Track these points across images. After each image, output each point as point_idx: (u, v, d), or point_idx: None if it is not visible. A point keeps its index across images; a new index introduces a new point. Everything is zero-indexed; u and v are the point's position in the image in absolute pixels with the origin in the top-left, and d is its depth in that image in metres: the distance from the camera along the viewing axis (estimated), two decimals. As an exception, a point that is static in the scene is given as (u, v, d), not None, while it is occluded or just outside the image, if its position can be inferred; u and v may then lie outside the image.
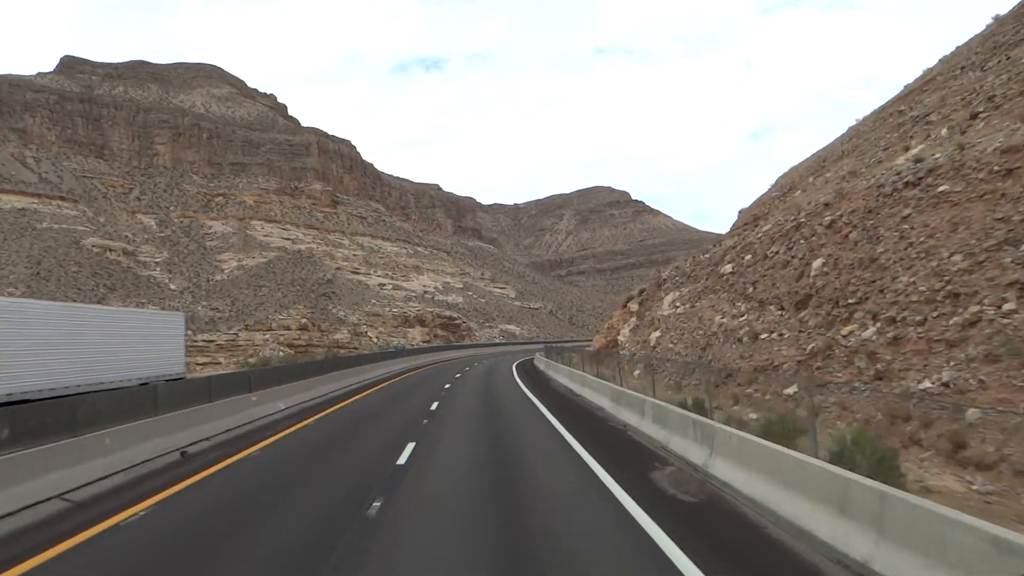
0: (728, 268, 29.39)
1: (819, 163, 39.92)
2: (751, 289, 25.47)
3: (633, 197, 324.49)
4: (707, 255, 35.20)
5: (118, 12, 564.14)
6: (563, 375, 32.45)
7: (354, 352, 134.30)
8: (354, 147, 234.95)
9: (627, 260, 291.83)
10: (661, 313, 36.39)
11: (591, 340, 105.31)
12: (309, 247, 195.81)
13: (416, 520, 9.76)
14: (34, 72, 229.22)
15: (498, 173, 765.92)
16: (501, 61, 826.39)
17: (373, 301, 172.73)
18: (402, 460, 14.26)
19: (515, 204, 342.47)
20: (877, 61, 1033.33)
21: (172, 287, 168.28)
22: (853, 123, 41.38)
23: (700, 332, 28.08)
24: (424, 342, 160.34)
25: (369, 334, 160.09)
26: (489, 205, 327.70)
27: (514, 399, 26.24)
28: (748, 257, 27.79)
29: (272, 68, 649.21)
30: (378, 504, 10.56)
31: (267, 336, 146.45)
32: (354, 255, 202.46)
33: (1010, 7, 33.34)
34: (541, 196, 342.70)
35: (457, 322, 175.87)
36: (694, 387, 25.75)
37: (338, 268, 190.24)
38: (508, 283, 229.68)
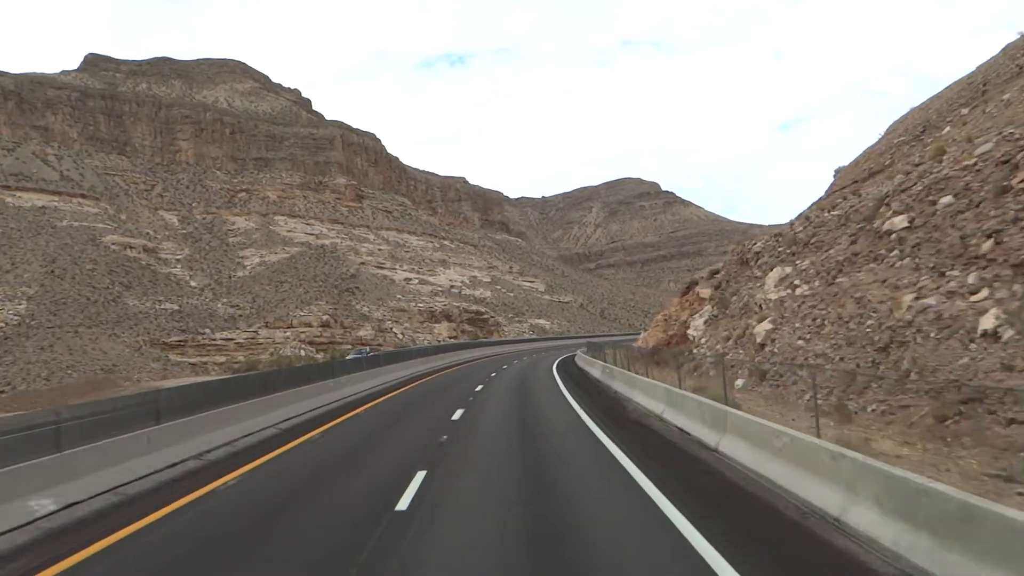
0: (899, 221, 18.21)
1: (973, 91, 28.48)
2: (984, 246, 14.30)
3: (663, 188, 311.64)
4: (836, 212, 24.02)
5: (147, 11, 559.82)
6: (651, 396, 19.21)
7: (379, 350, 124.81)
8: (379, 140, 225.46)
9: (658, 252, 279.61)
10: (764, 297, 25.25)
11: (634, 334, 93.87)
12: (333, 242, 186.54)
13: None
14: (58, 70, 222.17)
15: (525, 167, 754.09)
16: (527, 55, 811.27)
17: (398, 296, 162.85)
18: None
19: (542, 197, 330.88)
20: (912, 49, 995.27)
21: (192, 284, 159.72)
22: (1014, 39, 29.98)
23: (869, 321, 16.97)
24: (451, 337, 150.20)
25: (394, 330, 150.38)
26: (516, 199, 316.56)
27: (593, 477, 11.46)
28: (947, 200, 16.60)
29: (299, 66, 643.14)
30: None
31: (288, 333, 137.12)
32: (379, 249, 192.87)
33: None
34: (569, 189, 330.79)
35: (485, 317, 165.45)
36: (879, 419, 14.61)
37: (362, 263, 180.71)
38: (537, 277, 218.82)
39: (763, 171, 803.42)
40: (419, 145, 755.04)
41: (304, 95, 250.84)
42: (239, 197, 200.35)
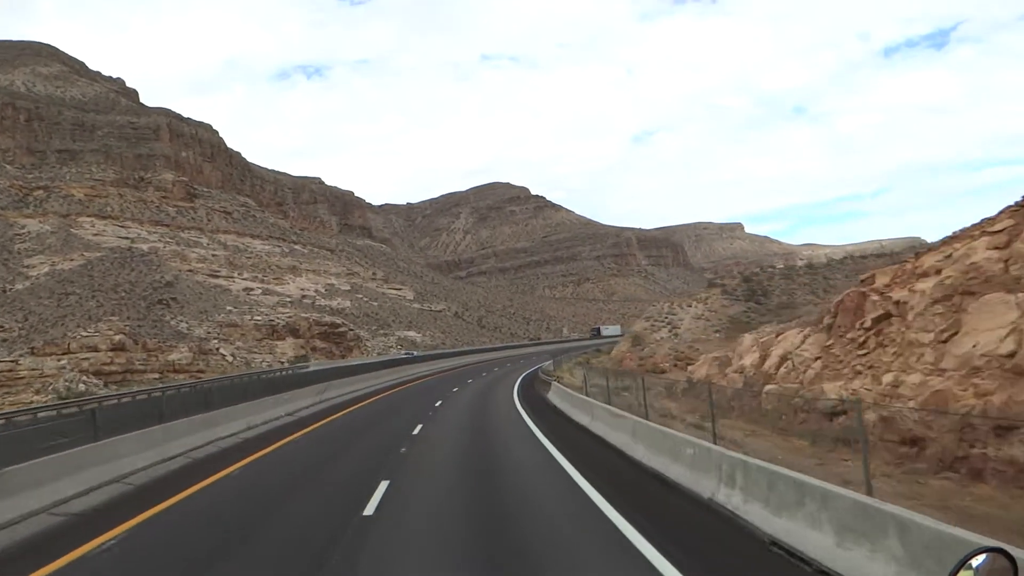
0: None
1: None
2: None
3: (532, 193, 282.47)
4: None
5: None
6: None
7: (198, 378, 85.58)
8: (216, 132, 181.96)
9: (531, 258, 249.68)
10: None
11: (535, 345, 61.01)
12: (154, 246, 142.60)
13: None
14: None
15: (388, 180, 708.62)
16: (386, 68, 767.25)
17: (230, 308, 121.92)
18: None
19: (408, 203, 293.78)
20: (747, 66, 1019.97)
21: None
22: None
23: None
24: (298, 357, 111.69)
25: (222, 351, 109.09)
26: (380, 206, 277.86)
27: None
28: None
29: (144, 77, 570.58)
30: None
31: (63, 361, 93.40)
32: (213, 255, 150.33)
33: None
34: (436, 195, 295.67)
35: (342, 330, 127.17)
36: None
37: (189, 270, 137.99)
38: (404, 284, 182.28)
39: (621, 181, 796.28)
40: (277, 158, 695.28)
41: (130, 87, 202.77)
42: (35, 196, 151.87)
